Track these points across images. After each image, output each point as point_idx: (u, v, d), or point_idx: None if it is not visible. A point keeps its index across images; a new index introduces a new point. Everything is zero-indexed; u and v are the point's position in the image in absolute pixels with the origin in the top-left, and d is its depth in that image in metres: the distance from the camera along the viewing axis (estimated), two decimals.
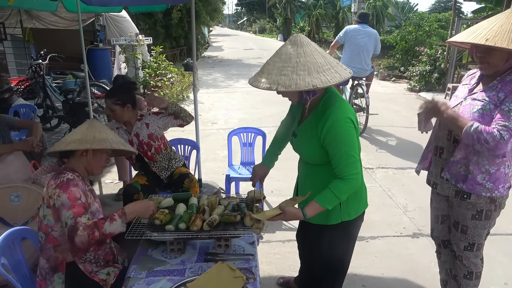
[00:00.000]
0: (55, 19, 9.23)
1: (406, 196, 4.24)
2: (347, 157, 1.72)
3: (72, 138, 1.89)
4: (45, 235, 1.84)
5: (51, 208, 1.80)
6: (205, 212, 2.10)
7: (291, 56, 1.63)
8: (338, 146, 1.72)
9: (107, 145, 1.91)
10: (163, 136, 3.06)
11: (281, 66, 1.62)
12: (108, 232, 1.73)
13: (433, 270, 2.97)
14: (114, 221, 1.76)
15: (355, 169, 1.74)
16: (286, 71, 1.60)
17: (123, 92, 2.81)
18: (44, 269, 1.87)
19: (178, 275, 1.84)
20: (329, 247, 1.99)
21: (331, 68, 1.64)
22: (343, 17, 30.02)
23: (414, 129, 7.34)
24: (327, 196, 1.74)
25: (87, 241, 1.67)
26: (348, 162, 1.72)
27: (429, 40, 12.21)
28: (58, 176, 1.83)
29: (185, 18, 14.60)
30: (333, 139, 1.72)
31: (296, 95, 1.74)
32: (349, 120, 1.73)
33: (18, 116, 4.80)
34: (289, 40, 1.69)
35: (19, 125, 3.48)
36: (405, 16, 32.51)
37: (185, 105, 8.62)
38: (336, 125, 1.71)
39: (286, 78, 1.59)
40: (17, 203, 2.70)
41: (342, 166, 1.73)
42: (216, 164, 5.14)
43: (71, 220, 1.69)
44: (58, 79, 8.10)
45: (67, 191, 1.76)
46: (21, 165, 3.01)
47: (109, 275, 1.95)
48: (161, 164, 3.03)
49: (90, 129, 1.94)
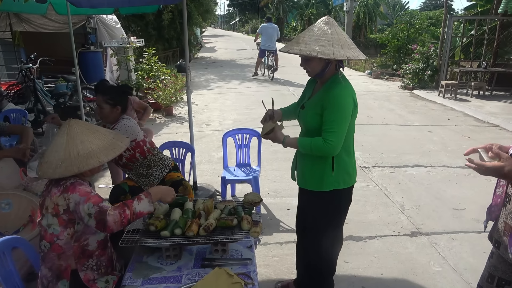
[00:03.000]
0: (45, 22, 9.10)
1: (403, 195, 4.23)
2: (335, 125, 1.97)
3: (56, 159, 1.74)
4: (49, 244, 1.79)
5: (58, 217, 1.75)
6: (201, 216, 2.06)
7: (326, 33, 1.95)
8: (333, 113, 1.98)
9: (95, 162, 1.77)
10: (139, 144, 2.76)
11: (318, 39, 1.93)
12: (138, 211, 1.75)
13: (432, 269, 2.96)
14: (142, 200, 1.78)
15: (336, 138, 1.97)
16: (323, 42, 1.91)
17: (118, 93, 2.72)
18: (47, 277, 1.82)
19: (175, 282, 1.80)
20: (323, 214, 2.21)
21: (355, 48, 2.01)
22: (335, 16, 30.09)
23: (408, 127, 7.32)
24: (306, 142, 2.05)
25: (120, 220, 1.67)
26: (334, 130, 1.97)
27: (421, 38, 12.27)
28: (58, 184, 1.77)
29: (177, 19, 14.52)
30: (331, 106, 1.98)
31: (320, 66, 2.02)
32: (351, 98, 2.03)
33: (9, 121, 4.72)
34: (321, 20, 2.02)
35: (9, 131, 3.41)
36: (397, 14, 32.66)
37: (179, 106, 8.57)
38: (338, 97, 1.99)
39: (324, 48, 1.90)
40: (7, 211, 2.64)
41: (328, 130, 1.99)
42: (211, 166, 5.09)
43: (93, 208, 1.68)
44: (49, 83, 7.99)
45: (75, 190, 1.73)
46: (11, 172, 2.94)
47: (108, 282, 1.91)
48: (138, 171, 2.85)
49: (70, 142, 1.77)
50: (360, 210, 3.87)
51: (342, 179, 2.13)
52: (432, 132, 6.61)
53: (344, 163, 2.11)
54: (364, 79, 12.59)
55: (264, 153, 4.36)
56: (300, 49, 1.92)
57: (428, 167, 5.00)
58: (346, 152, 2.11)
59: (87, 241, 1.84)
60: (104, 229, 1.69)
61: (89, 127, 1.89)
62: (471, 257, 3.11)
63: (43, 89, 6.67)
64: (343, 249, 3.20)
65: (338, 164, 2.09)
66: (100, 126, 2.04)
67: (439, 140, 6.18)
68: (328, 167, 2.09)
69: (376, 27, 27.89)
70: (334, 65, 2.04)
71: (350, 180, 2.19)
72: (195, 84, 11.23)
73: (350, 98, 2.02)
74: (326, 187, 2.12)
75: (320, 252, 2.29)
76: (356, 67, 15.26)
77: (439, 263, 3.03)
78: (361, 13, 25.85)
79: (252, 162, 4.06)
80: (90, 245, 1.86)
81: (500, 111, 8.06)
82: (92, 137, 1.83)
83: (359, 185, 4.46)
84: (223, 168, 3.93)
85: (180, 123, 7.33)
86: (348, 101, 2.00)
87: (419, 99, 9.64)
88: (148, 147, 2.84)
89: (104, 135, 1.89)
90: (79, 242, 1.82)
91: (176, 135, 6.43)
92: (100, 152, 1.80)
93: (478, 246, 3.24)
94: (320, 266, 2.37)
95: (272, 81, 11.61)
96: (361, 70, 14.63)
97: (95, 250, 1.88)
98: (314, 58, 1.95)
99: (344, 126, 1.99)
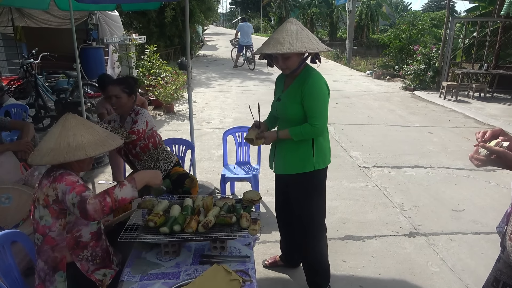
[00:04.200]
0: (47, 18, 9.10)
1: (402, 195, 4.23)
2: (318, 110, 2.24)
3: (46, 148, 1.78)
4: (42, 236, 1.81)
5: (49, 208, 1.77)
6: (200, 213, 2.07)
7: (300, 31, 2.17)
8: (314, 101, 2.23)
9: (82, 154, 1.77)
10: (153, 134, 2.95)
11: (299, 37, 2.13)
12: (120, 198, 1.72)
13: (430, 270, 2.97)
14: (124, 186, 1.75)
15: (320, 121, 2.25)
16: (304, 39, 2.13)
17: (130, 82, 2.84)
18: (44, 270, 1.83)
19: (173, 278, 1.81)
20: (307, 194, 2.41)
21: (320, 41, 2.25)
22: (337, 15, 30.04)
23: (409, 128, 7.31)
24: (296, 130, 2.28)
25: (100, 208, 1.66)
26: (317, 115, 2.24)
27: (423, 39, 12.25)
28: (49, 175, 1.81)
29: (179, 17, 14.50)
30: (310, 94, 2.22)
31: (298, 61, 2.23)
32: (325, 85, 2.27)
33: (10, 116, 4.72)
34: (288, 22, 2.20)
35: (11, 126, 3.41)
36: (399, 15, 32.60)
37: (180, 104, 8.57)
38: (315, 85, 2.22)
39: (308, 44, 2.13)
40: (7, 205, 2.64)
41: (312, 116, 2.24)
42: (211, 164, 5.10)
43: (76, 198, 1.68)
44: (50, 79, 7.98)
45: (62, 180, 1.75)
46: (11, 166, 2.95)
47: (105, 276, 1.93)
48: (147, 164, 2.95)
49: (63, 133, 1.80)
50: (359, 210, 3.88)
51: (321, 160, 2.37)
52: (432, 133, 6.61)
53: (321, 145, 2.37)
54: (365, 79, 12.59)
55: (264, 152, 4.36)
56: (289, 48, 2.09)
57: (427, 168, 5.01)
58: (322, 135, 2.37)
59: (80, 233, 1.86)
60: (86, 217, 1.68)
61: (85, 123, 1.91)
62: (469, 258, 3.11)
63: (44, 85, 6.67)
64: (341, 248, 3.23)
65: (318, 146, 2.34)
66: (96, 124, 2.04)
67: (439, 141, 6.18)
68: (309, 150, 2.33)
69: (378, 27, 27.85)
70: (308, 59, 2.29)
71: (326, 160, 2.43)
72: (196, 82, 11.22)
73: (324, 85, 2.27)
74: (308, 168, 2.34)
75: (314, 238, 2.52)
76: (358, 67, 15.25)
77: (437, 264, 3.04)
78: (364, 13, 25.82)
79: (252, 161, 4.06)
80: (83, 237, 1.87)
81: (501, 113, 8.06)
82: (85, 131, 1.85)
83: (358, 185, 4.47)
84: (223, 166, 3.93)
85: (180, 120, 7.34)
86: (324, 87, 2.26)
87: (420, 100, 9.63)
88: (159, 138, 3.02)
89: (98, 132, 1.90)
90: (72, 234, 1.83)
91: (176, 132, 6.44)
92: (89, 146, 1.81)
93: (476, 248, 3.24)
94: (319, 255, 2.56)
95: (272, 80, 11.60)
96: (362, 70, 14.62)
97: (89, 241, 1.89)
98: (293, 55, 2.16)
99: (325, 110, 2.27)
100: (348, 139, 6.15)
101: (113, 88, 2.74)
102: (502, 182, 4.55)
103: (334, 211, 3.84)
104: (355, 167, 5.03)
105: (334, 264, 2.98)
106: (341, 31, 31.41)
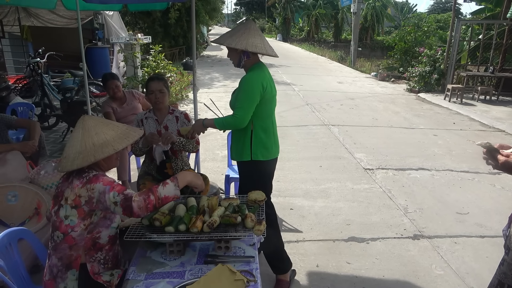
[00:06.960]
0: (54, 17, 9.17)
1: (406, 198, 4.22)
2: (241, 102, 2.37)
3: (73, 152, 1.82)
4: (63, 235, 1.81)
5: (78, 208, 1.78)
6: (205, 213, 2.07)
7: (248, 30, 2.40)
8: (240, 93, 2.40)
9: (110, 150, 1.83)
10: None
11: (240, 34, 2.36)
12: (164, 196, 1.77)
13: (434, 273, 2.96)
14: (167, 185, 1.80)
15: (241, 112, 2.36)
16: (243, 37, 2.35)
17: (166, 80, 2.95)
18: (57, 266, 1.84)
19: (178, 277, 1.81)
20: (250, 180, 2.56)
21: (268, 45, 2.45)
22: (342, 17, 30.01)
23: (413, 130, 7.28)
24: (220, 120, 2.46)
25: (144, 205, 1.72)
26: (239, 106, 2.37)
27: (428, 41, 12.22)
28: (81, 176, 1.81)
29: (184, 17, 14.56)
30: (240, 87, 2.41)
31: (237, 57, 2.45)
32: (260, 82, 2.37)
33: (16, 115, 4.76)
34: (241, 22, 2.47)
35: (17, 124, 3.43)
36: (404, 16, 32.52)
37: (184, 104, 8.59)
38: (247, 81, 2.38)
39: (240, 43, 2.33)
40: (14, 203, 2.66)
41: (236, 106, 2.40)
42: (215, 164, 5.11)
43: (119, 196, 1.72)
44: (56, 78, 8.05)
45: (98, 181, 1.77)
46: (18, 165, 2.97)
47: (113, 276, 1.93)
48: (178, 164, 3.06)
49: (86, 134, 1.84)
50: (363, 212, 3.87)
51: (260, 152, 2.50)
52: (437, 136, 6.59)
53: (260, 139, 2.49)
54: (369, 81, 12.56)
55: None
56: (229, 42, 2.36)
57: (432, 171, 4.99)
58: (263, 130, 2.50)
59: (100, 234, 1.87)
60: (130, 214, 1.74)
61: (103, 121, 1.95)
62: (473, 261, 3.10)
63: (50, 84, 6.72)
64: (345, 250, 3.22)
65: (255, 139, 2.48)
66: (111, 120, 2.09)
67: (444, 144, 6.16)
68: (247, 141, 2.49)
69: (383, 29, 27.80)
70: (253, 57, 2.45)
71: (269, 155, 2.55)
72: (200, 82, 11.25)
73: (258, 82, 2.37)
74: (245, 157, 2.52)
75: None
76: (362, 69, 15.23)
77: (441, 267, 3.03)
78: (369, 14, 25.78)
79: None
80: (101, 239, 1.88)
81: (507, 116, 8.02)
82: (106, 128, 1.89)
83: (362, 187, 4.46)
84: (227, 166, 3.94)
85: None
86: (255, 84, 2.36)
87: (425, 102, 9.60)
88: None
89: (118, 126, 1.95)
90: (92, 234, 1.85)
91: None
92: (114, 141, 1.86)
93: (481, 251, 3.23)
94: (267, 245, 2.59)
95: (278, 81, 11.61)
96: (367, 72, 14.60)
97: (106, 244, 1.90)
98: (232, 50, 2.42)
99: (248, 103, 2.36)
100: (352, 141, 6.14)
101: (157, 83, 2.83)
102: (507, 186, 4.53)
103: (338, 213, 3.84)
104: (359, 169, 5.02)
105: (337, 265, 2.99)
106: (346, 32, 31.39)
